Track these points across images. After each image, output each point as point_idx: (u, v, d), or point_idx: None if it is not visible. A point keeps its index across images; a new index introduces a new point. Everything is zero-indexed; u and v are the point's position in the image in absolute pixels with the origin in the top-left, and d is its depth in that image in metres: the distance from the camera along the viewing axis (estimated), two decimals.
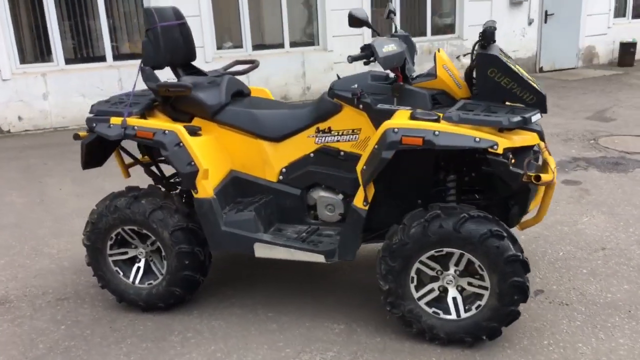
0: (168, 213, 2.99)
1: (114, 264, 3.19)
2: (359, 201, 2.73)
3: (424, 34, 10.48)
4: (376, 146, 2.60)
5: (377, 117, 2.85)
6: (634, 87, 9.37)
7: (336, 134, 3.01)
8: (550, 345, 2.70)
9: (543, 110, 2.67)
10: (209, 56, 8.83)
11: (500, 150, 2.46)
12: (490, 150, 2.46)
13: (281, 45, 9.52)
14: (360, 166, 2.70)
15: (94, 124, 3.03)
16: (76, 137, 3.15)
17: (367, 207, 2.70)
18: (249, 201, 3.14)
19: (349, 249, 2.79)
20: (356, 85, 2.96)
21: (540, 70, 11.36)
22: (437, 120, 2.59)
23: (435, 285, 2.68)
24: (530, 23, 11.06)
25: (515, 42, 11.01)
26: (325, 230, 3.09)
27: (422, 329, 2.70)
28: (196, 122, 3.20)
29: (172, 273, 3.05)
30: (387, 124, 2.59)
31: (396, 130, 2.55)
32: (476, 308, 2.62)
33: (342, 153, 3.01)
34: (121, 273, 3.19)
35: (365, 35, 9.68)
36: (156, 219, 2.99)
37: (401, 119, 2.65)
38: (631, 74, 10.63)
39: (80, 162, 3.20)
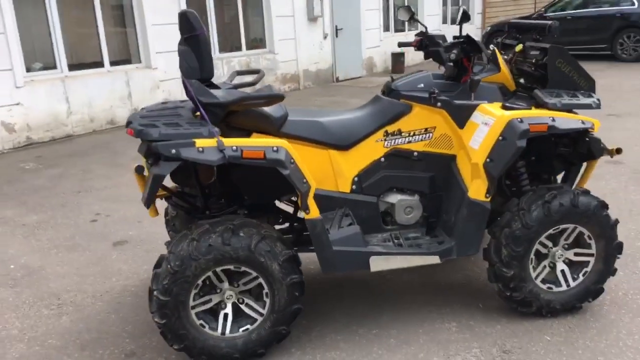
0: (272, 242, 2.62)
1: (197, 317, 2.65)
2: (479, 194, 2.79)
3: (239, 49, 10.52)
4: (501, 137, 2.71)
5: (458, 113, 2.96)
6: None
7: (407, 135, 3.02)
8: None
9: (594, 93, 3.11)
10: (19, 80, 7.47)
11: (596, 130, 2.82)
12: (590, 130, 2.82)
13: (100, 64, 8.55)
14: (480, 159, 2.76)
15: (173, 150, 2.48)
16: (140, 169, 2.53)
17: (490, 199, 2.80)
18: (330, 217, 2.93)
19: (473, 243, 2.84)
20: (422, 85, 3.02)
21: (337, 79, 12.37)
22: (528, 109, 2.84)
23: (546, 262, 2.91)
24: (325, 37, 11.96)
25: (316, 55, 11.79)
26: (407, 233, 3.07)
27: (540, 305, 2.90)
28: (255, 137, 2.86)
29: (280, 310, 2.67)
30: (508, 116, 2.73)
31: (521, 119, 2.71)
32: (583, 275, 2.93)
33: (415, 153, 3.03)
34: (206, 326, 2.67)
35: None
36: (263, 251, 2.59)
37: (492, 108, 2.83)
38: None
39: (144, 198, 2.57)
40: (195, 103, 2.73)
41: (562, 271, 2.93)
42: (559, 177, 3.38)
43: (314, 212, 2.67)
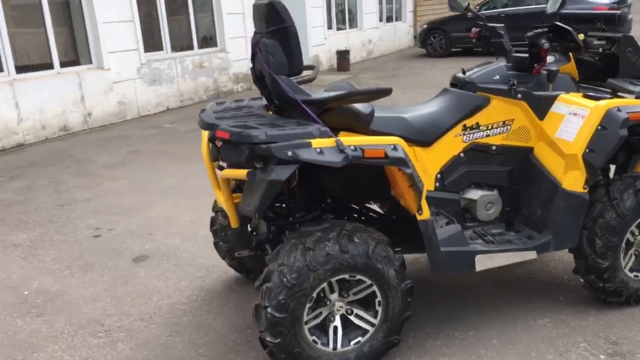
0: (386, 247, 2.45)
1: (310, 333, 2.43)
2: (577, 185, 2.75)
3: (191, 48, 10.06)
4: (600, 127, 2.69)
5: (538, 104, 2.93)
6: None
7: (485, 128, 2.94)
8: None
9: None
10: None
11: None
12: None
13: (50, 66, 7.86)
14: (578, 150, 2.72)
15: (290, 152, 2.24)
16: (252, 175, 2.27)
17: (588, 190, 2.77)
18: None
19: (571, 236, 2.80)
20: (498, 77, 2.96)
21: None
22: (612, 98, 2.85)
23: (632, 250, 2.93)
24: None
25: None
26: (489, 229, 2.99)
27: (629, 294, 2.92)
28: (342, 135, 2.67)
29: (394, 318, 2.50)
30: (605, 105, 2.71)
31: (619, 108, 2.70)
32: None
33: (494, 147, 2.96)
34: (318, 342, 2.45)
35: (140, 51, 8.79)
36: (380, 257, 2.42)
37: (578, 99, 2.82)
38: (360, 76, 12.32)
39: (254, 206, 2.30)
40: (287, 100, 2.51)
41: None
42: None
43: (426, 213, 2.53)
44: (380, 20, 16.07)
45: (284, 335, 2.34)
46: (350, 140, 2.36)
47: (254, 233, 3.36)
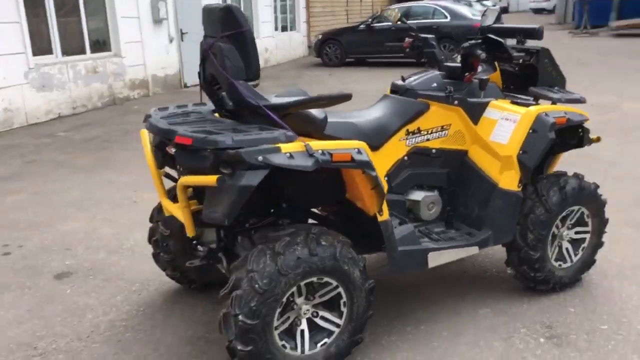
0: (349, 249, 2.50)
1: (279, 338, 2.40)
2: (512, 184, 2.97)
3: (83, 52, 9.50)
4: (531, 130, 2.93)
5: (473, 110, 3.14)
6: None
7: (425, 133, 3.10)
8: None
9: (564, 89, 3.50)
10: None
11: (588, 121, 3.21)
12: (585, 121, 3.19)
13: None
14: (512, 152, 2.93)
15: (260, 157, 2.21)
16: (222, 181, 2.20)
17: (521, 189, 2.99)
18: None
19: (508, 231, 3.01)
20: (435, 84, 3.14)
21: (185, 85, 11.87)
22: (536, 104, 3.13)
23: (556, 242, 3.22)
24: (171, 41, 11.40)
25: (162, 60, 11.17)
26: (433, 228, 3.14)
27: (555, 282, 3.20)
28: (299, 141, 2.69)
29: (358, 318, 2.55)
30: (535, 111, 2.96)
31: (546, 114, 2.96)
32: (581, 250, 3.29)
33: (434, 151, 3.13)
34: (287, 346, 2.44)
35: (28, 55, 8.18)
36: (347, 259, 2.46)
37: (508, 105, 3.08)
38: (262, 84, 12.27)
39: (224, 213, 2.24)
40: (247, 105, 2.50)
41: (567, 249, 3.26)
42: None
43: (385, 214, 2.61)
44: (276, 29, 16.17)
45: (255, 342, 2.30)
46: (315, 144, 2.38)
47: (194, 242, 3.27)
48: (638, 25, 19.86)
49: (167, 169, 2.88)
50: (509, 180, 2.99)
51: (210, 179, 2.23)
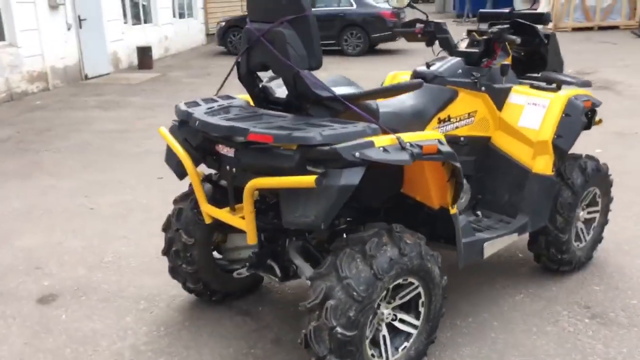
0: (427, 246, 2.37)
1: (369, 348, 2.23)
2: (546, 169, 2.98)
3: None
4: (564, 115, 2.97)
5: (498, 96, 3.13)
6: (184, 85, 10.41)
7: (455, 120, 3.05)
8: None
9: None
10: None
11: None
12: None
13: None
14: (547, 136, 2.95)
15: (357, 153, 2.01)
16: (320, 181, 1.97)
17: (554, 173, 3.03)
18: None
19: (544, 215, 3.03)
20: (460, 71, 3.09)
21: (86, 77, 10.91)
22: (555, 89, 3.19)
23: (575, 223, 3.30)
24: (69, 28, 10.40)
25: (61, 49, 10.16)
26: (466, 217, 3.09)
27: (576, 262, 3.29)
28: None
29: (435, 317, 2.45)
30: (566, 95, 3.01)
31: (576, 97, 3.01)
32: (592, 229, 3.40)
33: (462, 138, 3.08)
34: (375, 356, 2.27)
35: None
36: (429, 256, 2.34)
37: (532, 90, 3.11)
38: (169, 74, 11.63)
39: (319, 216, 2.01)
40: (315, 97, 2.28)
41: (581, 229, 3.37)
42: None
43: (455, 207, 2.51)
44: (174, 15, 15.38)
45: (352, 355, 2.13)
46: (405, 136, 2.22)
47: (215, 250, 2.99)
48: None
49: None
50: (543, 165, 3.01)
51: (305, 180, 1.99)
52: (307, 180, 1.99)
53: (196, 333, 2.83)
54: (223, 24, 14.84)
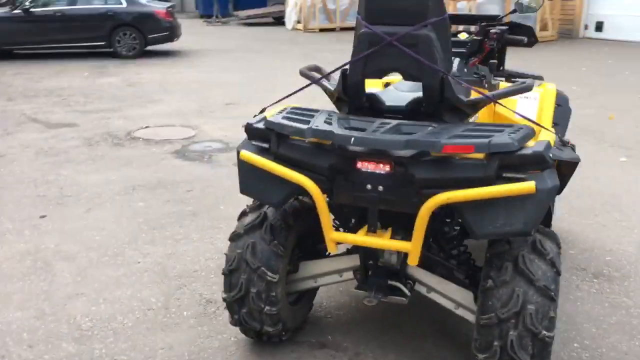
0: None
1: None
2: None
3: None
4: (557, 105, 3.33)
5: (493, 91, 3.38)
6: None
7: None
8: None
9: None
10: None
11: None
12: None
13: None
14: (547, 125, 3.27)
15: (551, 154, 2.03)
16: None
17: None
18: None
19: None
20: (466, 70, 3.27)
21: None
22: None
23: None
24: None
25: None
26: None
27: None
28: None
29: None
30: (553, 87, 3.37)
31: (557, 89, 3.42)
32: None
33: None
34: None
35: None
36: None
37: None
38: None
39: (529, 223, 1.95)
40: (457, 102, 2.20)
41: None
42: None
43: None
44: None
45: (550, 354, 2.13)
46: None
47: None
48: (260, 14, 22.35)
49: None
50: None
51: (525, 187, 1.92)
52: (527, 187, 1.92)
53: None
54: None
